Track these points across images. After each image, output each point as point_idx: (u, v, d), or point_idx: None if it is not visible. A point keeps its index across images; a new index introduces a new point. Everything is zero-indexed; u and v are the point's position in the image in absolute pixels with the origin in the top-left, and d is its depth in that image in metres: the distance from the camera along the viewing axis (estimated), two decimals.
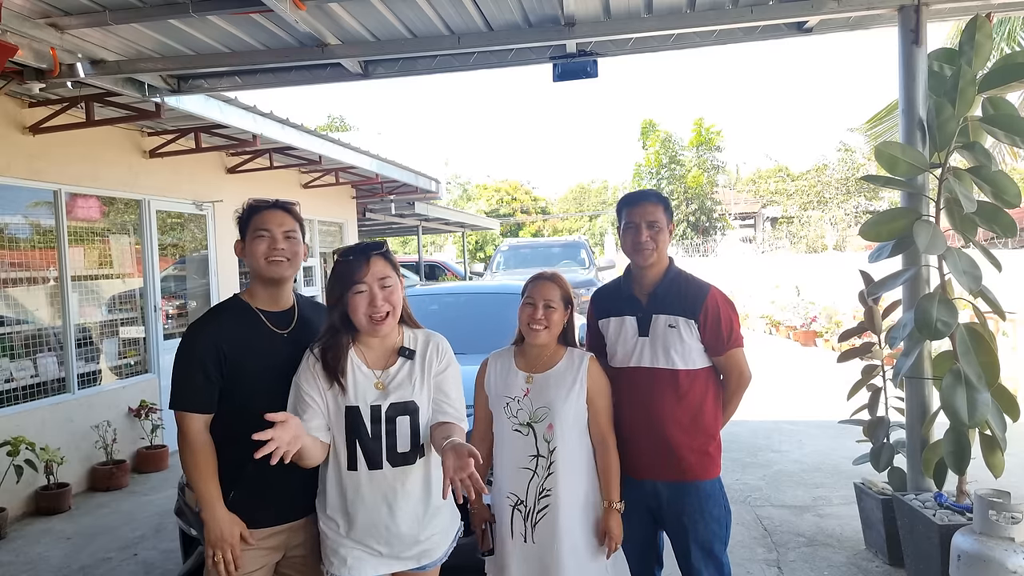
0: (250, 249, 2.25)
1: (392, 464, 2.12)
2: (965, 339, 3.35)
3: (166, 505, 5.25)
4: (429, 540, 2.21)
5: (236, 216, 2.35)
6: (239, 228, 2.33)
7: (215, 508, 2.13)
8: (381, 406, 2.12)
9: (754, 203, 30.68)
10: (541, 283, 2.53)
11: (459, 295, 5.66)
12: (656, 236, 2.60)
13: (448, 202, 32.53)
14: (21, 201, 5.58)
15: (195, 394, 2.16)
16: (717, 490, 2.63)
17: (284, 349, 2.25)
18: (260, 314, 2.27)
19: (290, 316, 2.33)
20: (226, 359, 2.16)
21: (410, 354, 2.21)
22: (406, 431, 2.14)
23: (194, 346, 2.18)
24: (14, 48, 3.84)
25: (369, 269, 2.12)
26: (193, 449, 2.14)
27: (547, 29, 4.48)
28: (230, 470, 2.17)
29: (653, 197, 2.67)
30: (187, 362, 2.18)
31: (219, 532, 2.12)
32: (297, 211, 2.37)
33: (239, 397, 2.18)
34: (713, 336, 2.59)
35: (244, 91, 5.58)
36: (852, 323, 7.96)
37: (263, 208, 2.29)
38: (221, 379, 2.17)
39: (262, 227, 2.24)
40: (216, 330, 2.20)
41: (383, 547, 2.15)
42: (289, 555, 2.29)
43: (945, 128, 3.47)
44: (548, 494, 2.43)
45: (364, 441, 2.11)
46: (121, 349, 6.52)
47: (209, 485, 2.13)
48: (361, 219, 13.09)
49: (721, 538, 2.61)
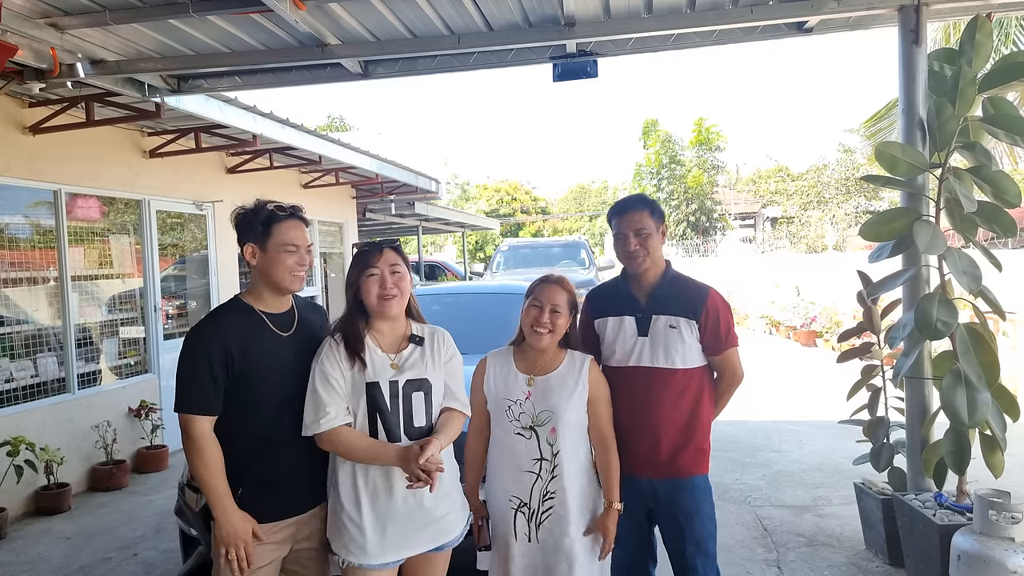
0: (275, 259, 2.24)
1: (409, 437, 2.22)
2: (965, 339, 3.35)
3: (166, 505, 5.25)
4: (444, 519, 2.27)
5: (236, 217, 2.31)
6: (252, 232, 2.27)
7: (226, 506, 2.15)
8: (399, 381, 2.25)
9: (754, 203, 30.68)
10: (549, 286, 2.53)
11: (459, 295, 5.67)
12: (645, 243, 2.64)
13: (448, 202, 32.52)
14: (21, 201, 5.58)
15: (202, 396, 2.16)
16: (708, 487, 2.70)
17: (287, 351, 2.28)
18: (264, 316, 2.29)
19: (291, 318, 2.36)
20: (233, 361, 2.18)
21: (420, 340, 2.36)
22: (421, 406, 2.27)
23: (200, 348, 2.18)
24: (14, 48, 3.84)
25: (382, 257, 2.29)
26: (201, 450, 2.15)
27: (547, 29, 4.48)
28: (236, 469, 2.19)
29: (639, 204, 2.71)
30: (193, 364, 2.17)
31: (231, 529, 2.14)
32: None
33: (244, 398, 2.21)
34: (712, 336, 2.64)
35: (244, 91, 5.58)
36: (852, 323, 7.96)
37: (284, 218, 2.27)
38: (227, 381, 2.18)
39: (291, 242, 2.26)
40: (223, 332, 2.20)
41: (400, 527, 2.20)
42: (296, 548, 2.30)
43: (945, 128, 3.47)
44: (552, 496, 2.44)
45: (384, 414, 2.22)
46: (121, 349, 6.52)
47: (219, 483, 2.15)
48: (361, 219, 13.09)
49: (713, 535, 2.67)
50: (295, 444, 2.23)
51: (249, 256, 2.30)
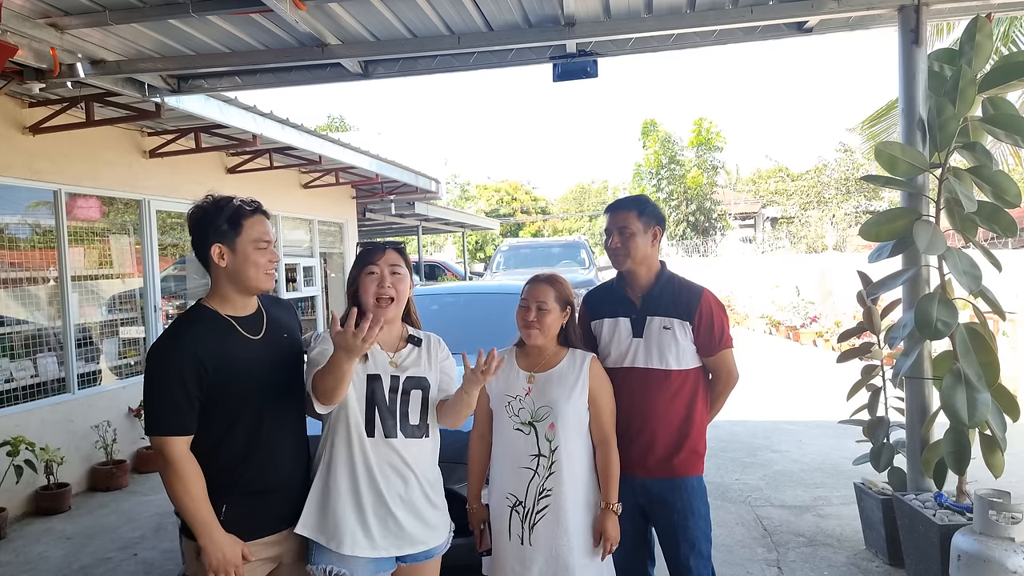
0: (247, 258, 2.10)
1: (405, 435, 2.23)
2: (965, 339, 3.35)
3: (166, 505, 5.25)
4: (432, 523, 2.27)
5: (193, 216, 2.14)
6: (215, 232, 2.10)
7: (212, 532, 2.01)
8: (400, 376, 2.27)
9: (754, 203, 30.69)
10: (535, 285, 2.55)
11: (459, 295, 5.67)
12: (627, 241, 2.66)
13: (448, 202, 32.52)
14: (21, 201, 5.58)
15: (176, 416, 2.00)
16: (703, 487, 2.70)
17: (260, 355, 2.15)
18: (232, 321, 2.14)
19: (259, 319, 2.22)
20: (206, 372, 2.02)
21: (417, 341, 2.38)
22: (417, 404, 2.28)
23: (169, 364, 2.01)
24: (14, 48, 3.84)
25: (384, 257, 2.29)
26: (180, 474, 1.99)
27: (547, 29, 4.48)
28: (220, 485, 2.06)
29: (628, 204, 2.73)
30: (163, 382, 2.00)
31: (221, 556, 2.01)
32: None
33: (223, 410, 2.08)
34: (706, 338, 2.66)
35: (244, 91, 5.58)
36: (852, 323, 7.96)
37: (252, 212, 2.13)
38: (201, 394, 2.03)
39: (262, 237, 2.13)
40: (191, 344, 2.03)
41: (398, 521, 2.18)
42: (287, 563, 2.23)
43: (946, 128, 3.47)
44: (548, 494, 2.43)
45: (382, 409, 2.22)
46: (121, 349, 6.53)
47: (202, 509, 2.01)
48: (361, 219, 13.09)
49: (708, 535, 2.68)
50: (278, 449, 2.16)
51: (217, 258, 2.10)
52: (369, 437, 2.21)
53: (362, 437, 2.20)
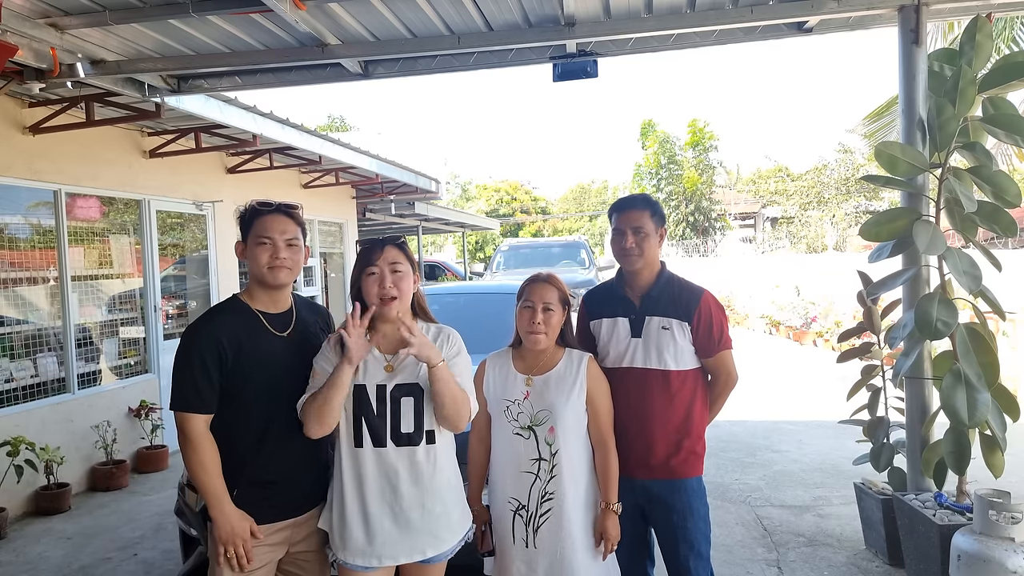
0: (252, 254, 2.27)
1: (396, 443, 2.20)
2: (965, 339, 3.35)
3: (166, 505, 5.25)
4: (435, 530, 2.23)
5: (236, 215, 2.35)
6: (240, 228, 2.33)
7: (223, 504, 2.14)
8: (386, 386, 2.22)
9: (754, 203, 30.68)
10: (538, 285, 2.52)
11: (459, 295, 5.67)
12: (642, 242, 2.65)
13: (448, 202, 32.53)
14: (21, 201, 5.58)
15: (196, 394, 2.15)
16: (703, 488, 2.70)
17: (284, 351, 2.26)
18: (260, 316, 2.28)
19: (289, 318, 2.34)
20: (227, 360, 2.17)
21: None
22: (410, 411, 2.22)
23: (194, 346, 2.17)
24: (14, 48, 3.84)
25: (383, 255, 2.26)
26: (197, 448, 2.14)
27: (547, 29, 4.48)
28: (231, 468, 2.18)
29: (641, 203, 2.72)
30: (187, 362, 2.17)
31: (229, 528, 2.13)
32: (300, 215, 2.36)
33: (239, 399, 2.20)
34: (705, 338, 2.65)
35: (244, 91, 5.57)
36: (852, 323, 7.96)
37: (265, 212, 2.28)
38: (221, 379, 2.17)
39: (264, 234, 2.25)
40: (216, 331, 2.19)
41: (388, 531, 2.18)
42: (293, 551, 2.30)
43: (946, 128, 3.47)
44: (551, 497, 2.43)
45: (369, 419, 2.20)
46: (121, 349, 6.52)
47: (215, 482, 2.14)
48: (361, 219, 13.08)
49: (707, 536, 2.67)
50: (289, 443, 2.23)
51: (239, 253, 2.33)
52: (357, 447, 2.21)
53: (351, 447, 2.22)
